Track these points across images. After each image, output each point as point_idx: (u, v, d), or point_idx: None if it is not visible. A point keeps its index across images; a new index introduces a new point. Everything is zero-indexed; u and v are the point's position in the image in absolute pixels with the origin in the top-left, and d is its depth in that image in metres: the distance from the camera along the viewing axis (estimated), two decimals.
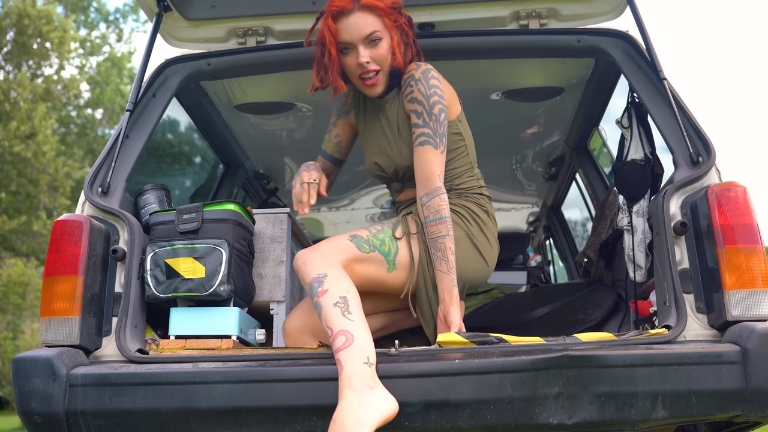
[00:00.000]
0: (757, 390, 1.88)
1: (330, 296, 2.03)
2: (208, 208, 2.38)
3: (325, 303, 2.02)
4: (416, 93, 2.31)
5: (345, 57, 2.35)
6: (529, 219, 5.71)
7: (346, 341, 1.92)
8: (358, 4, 2.30)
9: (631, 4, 2.53)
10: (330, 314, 1.99)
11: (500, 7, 2.73)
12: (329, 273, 2.08)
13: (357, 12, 2.30)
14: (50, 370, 2.02)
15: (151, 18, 2.74)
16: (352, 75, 2.37)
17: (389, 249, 2.28)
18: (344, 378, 1.86)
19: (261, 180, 4.40)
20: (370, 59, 2.31)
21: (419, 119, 2.30)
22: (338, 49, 2.33)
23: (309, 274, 2.10)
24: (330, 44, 2.31)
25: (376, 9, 2.31)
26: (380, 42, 2.32)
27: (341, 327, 1.95)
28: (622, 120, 2.68)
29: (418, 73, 2.33)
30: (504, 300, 3.59)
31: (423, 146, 2.28)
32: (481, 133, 3.90)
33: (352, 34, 2.30)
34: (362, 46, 2.31)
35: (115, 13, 24.92)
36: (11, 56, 16.12)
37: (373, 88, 2.36)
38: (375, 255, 2.26)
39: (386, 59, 2.34)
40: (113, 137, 2.51)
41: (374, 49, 2.32)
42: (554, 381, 1.83)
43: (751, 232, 2.06)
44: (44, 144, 15.24)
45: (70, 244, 2.19)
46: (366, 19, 2.30)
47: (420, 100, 2.30)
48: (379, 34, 2.31)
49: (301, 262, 2.15)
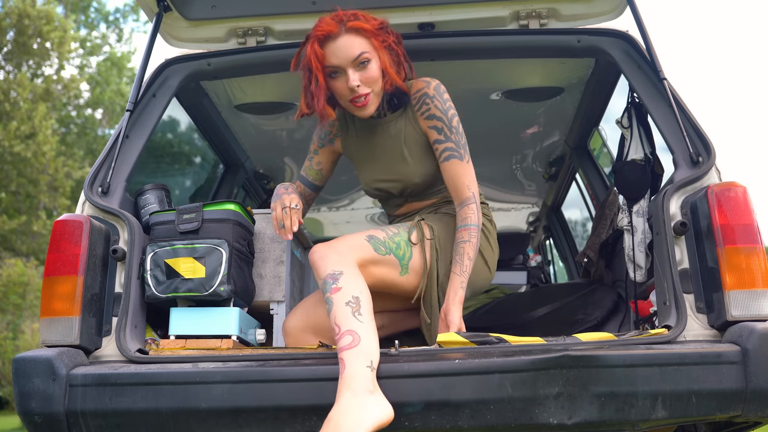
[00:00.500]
0: (757, 390, 1.88)
1: (343, 294, 2.02)
2: (208, 208, 2.38)
3: (337, 300, 2.01)
4: (434, 109, 2.36)
5: (334, 81, 2.31)
6: (529, 219, 5.71)
7: (352, 341, 1.91)
8: (345, 27, 2.28)
9: (631, 4, 2.53)
10: (340, 312, 1.99)
11: (500, 7, 2.73)
12: (345, 271, 2.08)
13: (344, 35, 2.27)
14: (50, 370, 2.02)
15: (151, 18, 2.74)
16: (342, 99, 2.34)
17: (404, 253, 2.30)
18: (345, 378, 1.85)
19: (261, 180, 4.40)
20: (360, 82, 2.28)
21: (441, 135, 2.36)
22: (326, 74, 2.30)
23: (325, 270, 2.09)
24: (317, 70, 2.28)
25: (363, 31, 2.29)
26: (369, 64, 2.29)
27: (349, 327, 1.95)
28: (622, 120, 2.68)
29: (431, 89, 2.38)
30: (504, 300, 3.59)
31: (449, 161, 2.35)
32: (481, 133, 3.92)
33: (341, 58, 2.27)
34: (351, 69, 2.28)
35: (115, 13, 24.92)
36: (11, 56, 16.13)
37: (364, 109, 2.33)
38: (390, 258, 2.27)
39: (377, 81, 2.32)
40: (113, 137, 2.51)
41: (364, 71, 2.29)
42: (554, 381, 1.83)
43: (751, 232, 2.06)
44: (44, 144, 15.24)
45: (70, 244, 2.19)
46: (353, 41, 2.28)
47: (439, 116, 2.35)
48: (367, 55, 2.28)
49: (317, 257, 2.14)
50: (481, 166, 4.49)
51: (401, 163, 2.43)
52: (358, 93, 2.29)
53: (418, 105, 2.39)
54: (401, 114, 2.45)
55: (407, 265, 2.30)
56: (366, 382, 1.84)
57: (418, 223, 2.38)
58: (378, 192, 2.52)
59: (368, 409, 1.80)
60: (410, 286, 2.33)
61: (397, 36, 2.41)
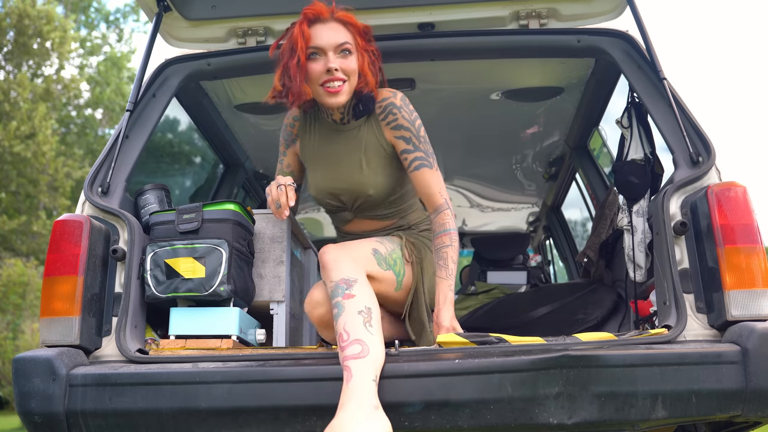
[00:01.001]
0: (757, 390, 1.88)
1: (356, 302, 2.01)
2: (208, 208, 2.38)
3: (349, 307, 2.00)
4: (401, 119, 2.37)
5: (312, 63, 2.31)
6: (529, 219, 5.72)
7: (361, 351, 1.89)
8: (334, 16, 2.33)
9: (631, 4, 2.53)
10: (351, 319, 1.97)
11: (500, 7, 2.73)
12: (360, 280, 2.09)
13: (332, 21, 2.33)
14: (50, 370, 2.02)
15: (151, 18, 2.74)
16: (315, 81, 2.32)
17: (399, 270, 2.35)
18: (351, 389, 1.83)
19: (261, 180, 4.40)
20: (339, 67, 2.30)
21: (409, 144, 2.37)
22: (307, 55, 2.31)
23: (338, 273, 2.09)
24: (301, 50, 2.29)
25: (350, 25, 2.34)
26: (350, 55, 2.33)
27: (359, 336, 1.93)
28: (622, 120, 2.68)
29: (398, 100, 2.40)
30: (504, 300, 3.60)
31: (420, 170, 2.36)
32: (481, 133, 3.92)
33: (325, 40, 2.30)
34: (332, 53, 2.30)
35: (116, 13, 24.92)
36: (11, 56, 16.13)
37: (335, 96, 2.32)
38: (389, 274, 2.31)
39: (353, 74, 2.34)
40: (113, 137, 2.51)
41: (344, 59, 2.32)
42: (554, 381, 1.83)
43: (751, 232, 2.06)
44: (44, 144, 15.25)
45: (70, 244, 2.19)
46: (340, 29, 2.33)
47: (407, 126, 2.37)
48: (350, 47, 2.32)
49: (330, 258, 2.13)
50: (481, 166, 4.53)
51: (357, 171, 2.42)
52: (334, 76, 2.29)
53: (383, 114, 2.40)
54: (364, 122, 2.44)
55: (401, 282, 2.36)
56: (371, 396, 1.83)
57: (408, 242, 2.42)
58: (329, 201, 2.48)
59: (372, 425, 1.78)
60: (400, 301, 2.39)
61: (378, 49, 2.44)
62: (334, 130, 2.46)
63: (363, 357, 1.88)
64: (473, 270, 5.34)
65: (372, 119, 2.42)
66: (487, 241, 5.49)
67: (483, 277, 5.13)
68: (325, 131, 2.48)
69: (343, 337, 1.94)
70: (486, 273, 5.15)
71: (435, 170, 2.37)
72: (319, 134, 2.50)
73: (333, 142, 2.46)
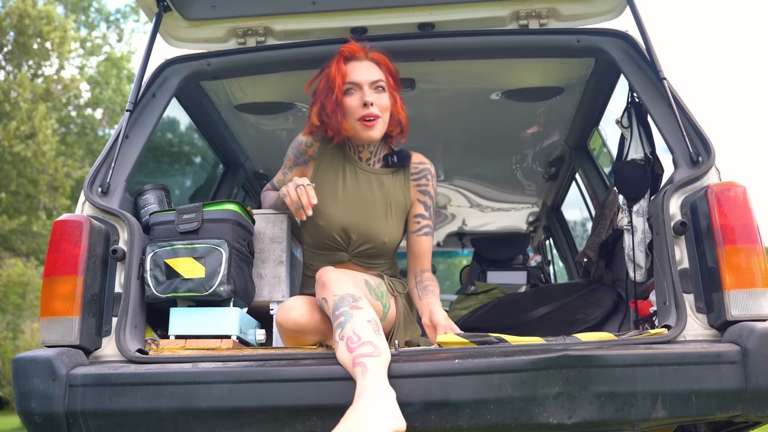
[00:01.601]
0: (757, 390, 1.88)
1: (364, 313, 2.03)
2: (207, 208, 2.38)
3: (358, 316, 2.01)
4: (430, 188, 2.57)
5: (348, 97, 2.42)
6: (529, 219, 5.72)
7: (374, 351, 1.89)
8: (368, 55, 2.47)
9: (631, 4, 2.53)
10: (361, 325, 1.98)
11: (500, 7, 2.73)
12: (364, 298, 2.12)
13: (367, 60, 2.46)
14: (50, 370, 2.02)
15: (150, 18, 2.74)
16: (352, 116, 2.41)
17: (386, 303, 2.44)
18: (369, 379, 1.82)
19: (261, 180, 4.40)
20: (374, 102, 2.39)
21: (426, 212, 2.56)
22: (343, 92, 2.41)
23: (343, 289, 2.12)
24: (338, 88, 2.39)
25: (384, 65, 2.48)
26: (384, 92, 2.44)
27: (371, 339, 1.93)
28: (622, 120, 2.68)
29: (433, 170, 2.59)
30: (504, 300, 3.59)
31: (427, 236, 2.56)
32: (481, 133, 3.92)
33: (361, 75, 2.41)
34: (368, 88, 2.40)
35: (116, 14, 24.92)
36: (11, 56, 16.13)
37: (372, 129, 2.41)
38: (377, 304, 2.37)
39: (386, 110, 2.44)
40: (113, 137, 2.51)
41: (378, 96, 2.42)
42: (554, 381, 1.83)
43: (750, 231, 2.06)
44: (44, 144, 15.25)
45: (70, 244, 2.19)
46: (374, 68, 2.45)
47: (432, 195, 2.57)
48: (383, 84, 2.44)
49: (333, 278, 2.16)
50: (481, 166, 4.53)
51: (381, 218, 2.50)
52: (370, 111, 2.38)
53: (417, 176, 2.56)
54: (393, 173, 2.54)
55: (386, 315, 2.43)
56: (389, 388, 1.83)
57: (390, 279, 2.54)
58: (335, 236, 2.49)
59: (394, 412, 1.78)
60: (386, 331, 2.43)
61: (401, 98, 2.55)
62: (359, 168, 2.53)
63: (378, 355, 1.88)
64: (473, 270, 5.34)
65: (401, 174, 2.56)
66: (487, 241, 5.49)
67: (483, 277, 5.12)
68: (349, 166, 2.54)
69: (353, 339, 1.94)
70: (486, 273, 5.15)
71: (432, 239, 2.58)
72: (341, 167, 2.54)
73: (357, 181, 2.52)
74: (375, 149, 2.53)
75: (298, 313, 2.24)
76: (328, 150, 2.55)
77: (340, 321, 2.02)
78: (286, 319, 2.25)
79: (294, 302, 2.27)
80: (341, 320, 2.01)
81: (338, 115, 2.40)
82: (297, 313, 2.23)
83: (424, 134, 3.77)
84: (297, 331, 2.26)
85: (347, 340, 1.94)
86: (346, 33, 2.78)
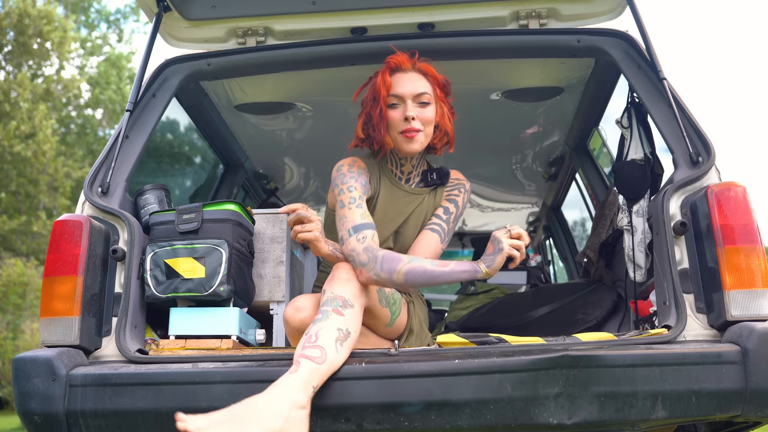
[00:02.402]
0: (757, 390, 1.88)
1: (341, 321, 2.01)
2: (207, 208, 2.38)
3: (333, 320, 2.00)
4: (459, 199, 2.56)
5: (391, 111, 2.41)
6: (529, 219, 5.72)
7: (320, 357, 1.88)
8: (415, 66, 2.44)
9: (631, 4, 2.53)
10: (327, 330, 1.97)
11: (500, 7, 2.73)
12: (356, 306, 2.10)
13: (413, 71, 2.44)
14: (50, 370, 2.02)
15: (150, 18, 2.74)
16: (394, 129, 2.40)
17: (397, 309, 2.40)
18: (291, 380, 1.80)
19: (261, 180, 4.40)
20: (416, 116, 2.38)
21: (445, 215, 2.53)
22: (387, 104, 2.40)
23: (341, 291, 2.11)
24: (383, 99, 2.38)
25: (430, 76, 2.46)
26: (428, 106, 2.42)
27: (325, 346, 1.91)
28: (622, 120, 2.68)
29: (468, 186, 2.61)
30: (504, 300, 3.59)
31: (433, 234, 2.49)
32: (481, 133, 3.92)
33: (405, 88, 2.40)
34: (411, 102, 2.39)
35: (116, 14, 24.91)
36: (11, 56, 16.12)
37: (412, 141, 2.39)
38: (385, 311, 2.34)
39: (430, 124, 2.43)
40: (113, 137, 2.51)
41: (422, 109, 2.41)
42: (554, 381, 1.83)
43: (750, 232, 2.06)
44: (44, 144, 15.24)
45: (70, 244, 2.19)
46: (419, 80, 2.43)
47: (458, 205, 2.56)
48: (429, 98, 2.42)
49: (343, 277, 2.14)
50: (481, 166, 4.53)
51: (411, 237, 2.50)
52: (411, 126, 2.37)
53: (450, 187, 2.57)
54: (430, 192, 2.55)
55: (394, 321, 2.39)
56: (305, 397, 1.80)
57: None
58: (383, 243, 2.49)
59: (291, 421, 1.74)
60: (390, 336, 2.42)
61: (452, 107, 2.54)
62: (399, 188, 2.52)
63: (320, 363, 1.87)
64: None
65: (438, 191, 2.56)
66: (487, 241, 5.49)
67: None
68: (385, 182, 2.51)
69: (311, 339, 1.94)
70: None
71: (441, 246, 2.49)
72: (383, 185, 2.51)
73: (394, 199, 2.50)
74: (417, 162, 2.52)
75: (306, 314, 2.21)
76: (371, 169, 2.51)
77: (316, 318, 2.03)
78: (293, 318, 2.23)
79: (302, 302, 2.24)
80: (317, 317, 2.03)
81: (382, 127, 2.39)
82: (304, 315, 2.21)
83: None
84: (302, 332, 2.26)
85: (306, 338, 1.95)
86: (346, 33, 2.78)
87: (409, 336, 2.47)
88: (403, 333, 2.46)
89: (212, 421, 1.68)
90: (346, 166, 2.42)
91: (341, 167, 2.42)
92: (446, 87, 2.52)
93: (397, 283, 2.15)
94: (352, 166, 2.43)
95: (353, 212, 2.26)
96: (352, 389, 1.90)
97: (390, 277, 2.14)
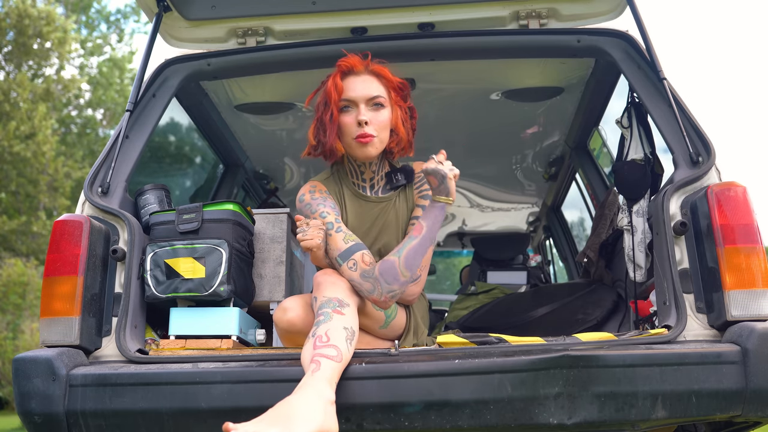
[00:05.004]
0: (757, 390, 1.88)
1: (344, 320, 2.02)
2: (207, 208, 2.38)
3: (337, 320, 2.00)
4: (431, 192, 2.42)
5: (344, 116, 2.32)
6: (529, 219, 5.72)
7: (338, 355, 1.89)
8: (368, 69, 2.35)
9: (631, 4, 2.53)
10: (336, 330, 1.97)
11: (500, 7, 2.73)
12: (351, 305, 2.10)
13: (365, 74, 2.35)
14: (50, 370, 2.02)
15: (150, 18, 2.74)
16: (347, 135, 2.32)
17: (392, 311, 2.37)
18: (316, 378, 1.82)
19: (261, 180, 4.40)
20: (369, 121, 2.29)
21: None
22: (339, 108, 2.32)
23: (333, 293, 2.10)
24: (334, 103, 2.30)
25: (384, 78, 2.36)
26: (382, 109, 2.33)
27: (339, 345, 1.92)
28: (622, 120, 2.68)
29: None
30: (504, 300, 3.59)
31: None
32: (481, 133, 3.92)
33: (357, 92, 2.31)
34: (364, 106, 2.31)
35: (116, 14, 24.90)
36: (11, 56, 16.12)
37: (366, 147, 2.30)
38: (379, 313, 2.32)
39: (384, 128, 2.33)
40: (113, 137, 2.52)
41: (375, 113, 2.32)
42: (554, 381, 1.83)
43: (751, 232, 2.06)
44: (44, 144, 15.25)
45: (70, 244, 2.19)
46: (372, 82, 2.34)
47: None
48: (382, 101, 2.33)
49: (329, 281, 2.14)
50: (481, 166, 4.53)
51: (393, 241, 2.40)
52: (364, 131, 2.29)
53: (419, 183, 2.45)
54: (399, 194, 2.45)
55: (389, 322, 2.37)
56: (332, 392, 1.82)
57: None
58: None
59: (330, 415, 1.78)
60: (385, 337, 2.40)
61: (412, 108, 2.45)
62: (365, 200, 2.41)
63: (339, 361, 1.88)
64: (473, 270, 5.33)
65: (407, 190, 2.46)
66: (487, 241, 5.48)
67: (483, 277, 5.12)
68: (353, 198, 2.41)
69: (322, 338, 1.93)
70: (486, 273, 5.14)
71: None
72: (348, 201, 2.41)
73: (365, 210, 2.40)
74: (378, 166, 2.42)
75: (293, 314, 2.21)
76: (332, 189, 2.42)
77: (319, 320, 2.01)
78: (281, 319, 2.23)
79: (290, 303, 2.25)
80: (320, 320, 2.01)
81: (332, 133, 2.30)
82: (291, 314, 2.21)
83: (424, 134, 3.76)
84: (290, 332, 2.25)
85: (316, 339, 1.94)
86: (346, 33, 2.78)
87: (408, 335, 2.47)
88: (402, 333, 2.45)
89: (260, 426, 1.69)
90: (308, 195, 2.35)
91: (303, 197, 2.35)
92: (403, 90, 2.41)
93: (407, 279, 2.16)
94: (314, 192, 2.36)
95: (334, 239, 2.23)
96: (353, 389, 1.90)
97: (399, 281, 2.15)
